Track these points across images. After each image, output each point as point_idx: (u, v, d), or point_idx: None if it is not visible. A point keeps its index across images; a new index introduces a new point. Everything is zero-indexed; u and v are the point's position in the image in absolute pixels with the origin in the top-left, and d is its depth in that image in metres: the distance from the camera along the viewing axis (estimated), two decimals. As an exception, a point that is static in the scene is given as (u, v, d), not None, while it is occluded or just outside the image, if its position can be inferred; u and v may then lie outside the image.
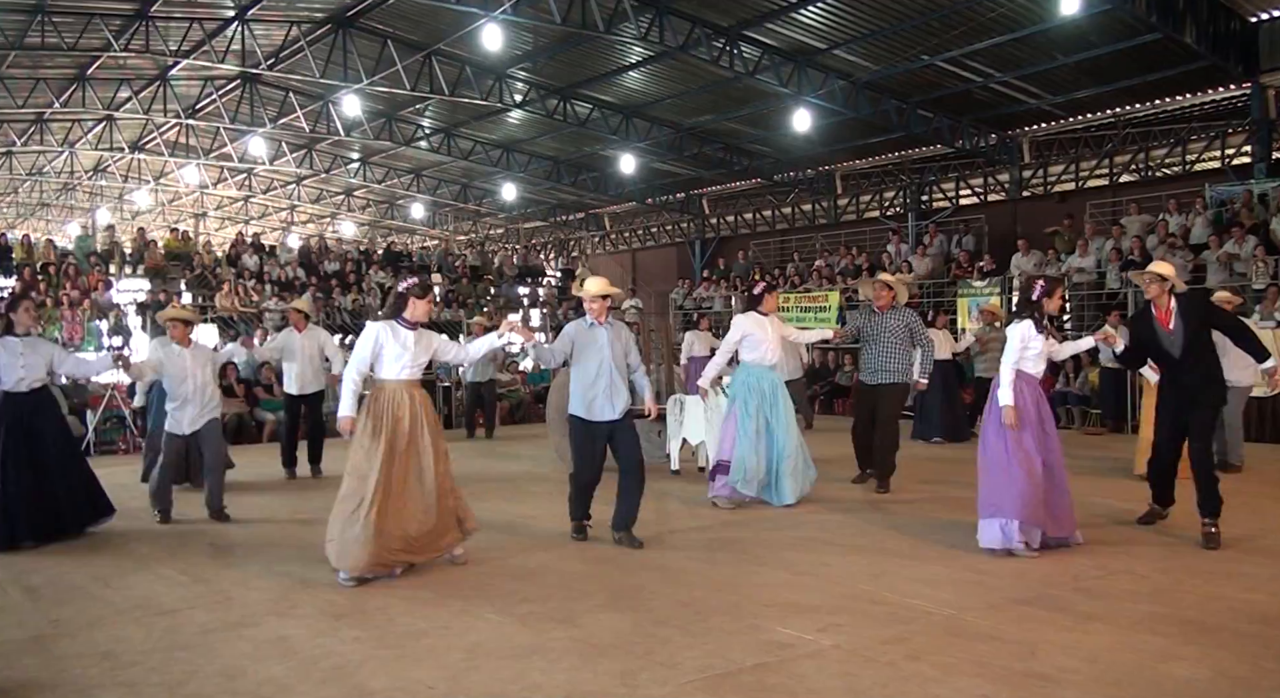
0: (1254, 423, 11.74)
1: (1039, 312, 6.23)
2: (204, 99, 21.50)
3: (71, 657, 4.38)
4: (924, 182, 22.52)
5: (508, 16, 15.10)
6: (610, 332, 6.39)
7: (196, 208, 33.10)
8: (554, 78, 19.52)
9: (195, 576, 5.89)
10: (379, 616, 4.92)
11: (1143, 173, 18.80)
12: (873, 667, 4.03)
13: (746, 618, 4.73)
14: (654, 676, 3.97)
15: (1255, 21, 15.18)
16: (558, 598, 5.18)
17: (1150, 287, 6.48)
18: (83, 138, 24.53)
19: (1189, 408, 6.37)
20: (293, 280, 20.26)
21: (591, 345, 6.35)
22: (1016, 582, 5.36)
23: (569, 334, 6.50)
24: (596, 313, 6.37)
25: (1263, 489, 8.38)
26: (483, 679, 3.99)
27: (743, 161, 23.22)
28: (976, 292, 16.75)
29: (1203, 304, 6.72)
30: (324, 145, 26.03)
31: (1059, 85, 17.23)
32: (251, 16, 16.98)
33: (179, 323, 7.79)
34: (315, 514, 7.85)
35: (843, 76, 17.45)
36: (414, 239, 34.42)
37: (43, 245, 20.06)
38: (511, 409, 17.12)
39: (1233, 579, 5.36)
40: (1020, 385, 6.10)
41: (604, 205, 29.93)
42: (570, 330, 6.52)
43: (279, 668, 4.18)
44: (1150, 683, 3.82)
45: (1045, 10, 14.10)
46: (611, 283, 6.70)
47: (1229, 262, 14.22)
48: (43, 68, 19.31)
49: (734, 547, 6.38)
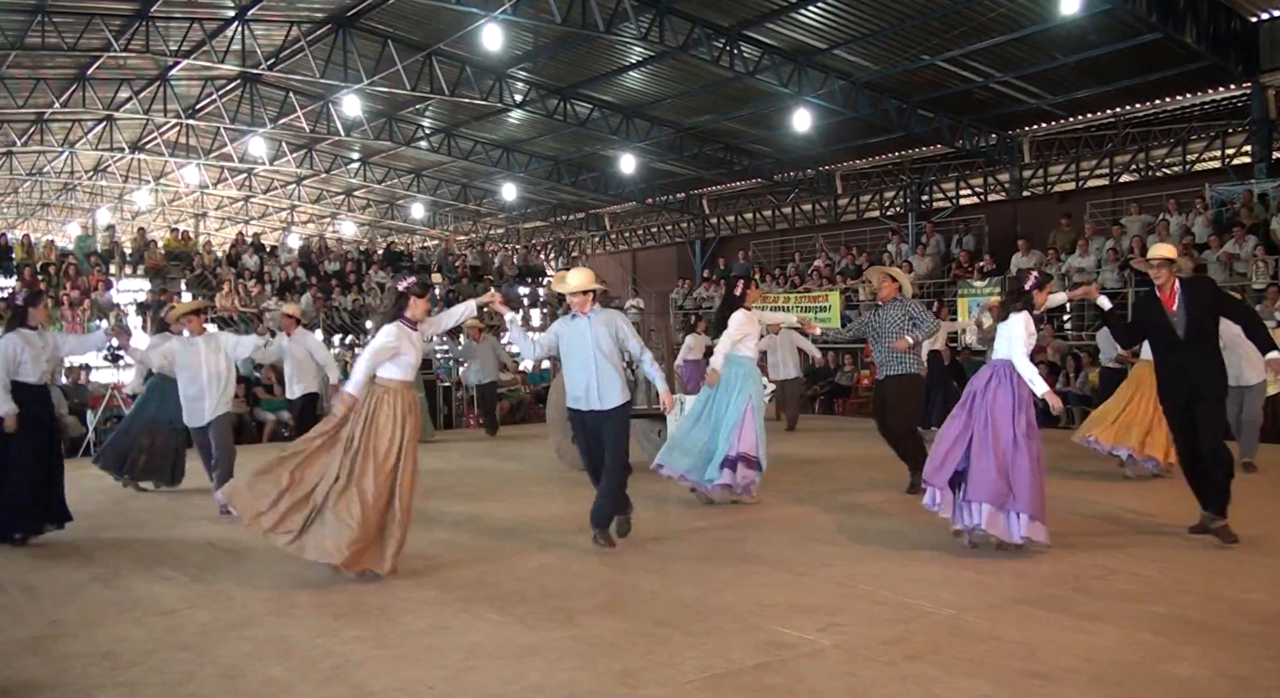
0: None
1: (1031, 303, 6.22)
2: (204, 99, 21.49)
3: (72, 657, 4.38)
4: (924, 181, 22.51)
5: (508, 16, 15.10)
6: (593, 322, 6.33)
7: (197, 208, 33.10)
8: (554, 78, 19.52)
9: (195, 575, 5.90)
10: (379, 616, 4.92)
11: (1143, 173, 18.79)
12: (873, 667, 4.03)
13: (747, 618, 4.73)
14: (654, 676, 3.97)
15: (1255, 21, 15.17)
16: (558, 598, 5.18)
17: (1160, 271, 6.40)
18: (83, 138, 24.53)
19: (1194, 398, 6.26)
20: (293, 280, 20.27)
21: (576, 337, 6.35)
22: (1017, 582, 5.36)
23: (554, 329, 6.56)
24: (578, 305, 6.36)
25: (1263, 489, 8.37)
26: (483, 680, 3.99)
27: (743, 161, 23.21)
28: (977, 292, 16.75)
29: (1212, 290, 6.65)
30: (324, 145, 26.02)
31: (1059, 85, 17.22)
32: (251, 17, 16.98)
33: (191, 315, 7.91)
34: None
35: (843, 76, 17.45)
36: (414, 239, 34.42)
37: (43, 245, 20.07)
38: (512, 409, 17.14)
39: (1233, 579, 5.35)
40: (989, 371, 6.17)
41: (604, 205, 29.92)
42: (556, 326, 6.57)
43: (279, 668, 4.18)
44: (1150, 683, 3.82)
45: (1045, 10, 14.09)
46: (598, 279, 6.70)
47: (1229, 261, 14.23)
48: (43, 68, 19.31)
49: (734, 547, 6.38)
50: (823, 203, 24.94)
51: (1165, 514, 7.11)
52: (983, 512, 5.91)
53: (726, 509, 7.76)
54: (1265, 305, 13.00)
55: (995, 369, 6.17)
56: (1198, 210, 15.84)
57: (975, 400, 6.15)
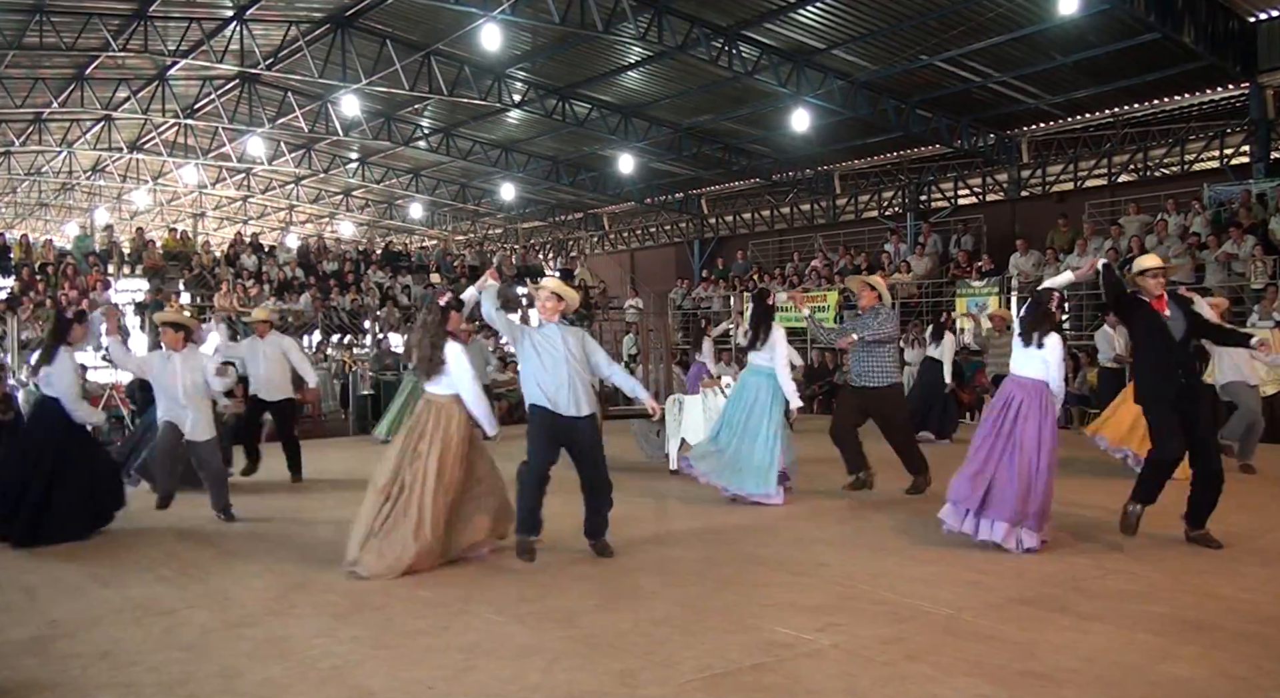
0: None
1: (1057, 324, 6.42)
2: (203, 99, 21.48)
3: (70, 657, 4.38)
4: (922, 181, 22.52)
5: (506, 16, 15.09)
6: (562, 332, 6.26)
7: (195, 208, 33.09)
8: (553, 78, 19.52)
9: (194, 576, 5.89)
10: (377, 616, 4.92)
11: (1141, 173, 18.80)
12: (871, 667, 4.03)
13: (745, 618, 4.73)
14: (653, 675, 3.97)
15: (1254, 21, 15.17)
16: (556, 597, 5.18)
17: (1158, 283, 6.45)
18: (81, 138, 24.51)
19: (1188, 400, 6.31)
20: (291, 280, 20.26)
21: (546, 341, 6.19)
22: (1015, 582, 5.37)
23: (521, 325, 6.51)
24: (548, 313, 6.27)
25: (1262, 489, 8.38)
26: (481, 679, 3.99)
27: (741, 161, 23.21)
28: (975, 291, 16.76)
29: (1189, 304, 6.77)
30: (323, 145, 26.01)
31: (1057, 85, 17.22)
32: (250, 16, 16.97)
33: (169, 327, 7.64)
34: (315, 515, 7.86)
35: (841, 76, 17.45)
36: (413, 239, 34.41)
37: (41, 245, 20.05)
38: (511, 408, 17.12)
39: (1231, 579, 5.36)
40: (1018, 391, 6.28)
41: (603, 205, 29.92)
42: (525, 327, 6.50)
43: (277, 668, 4.18)
44: (1149, 683, 3.82)
45: (1044, 10, 14.10)
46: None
47: (1228, 261, 14.23)
48: (41, 67, 19.29)
49: (733, 547, 6.39)
50: (821, 203, 24.95)
51: (1163, 514, 7.11)
52: (999, 529, 6.05)
53: (725, 510, 7.77)
54: (1264, 305, 13.01)
55: (1025, 389, 6.28)
56: (1196, 210, 15.85)
57: (1004, 421, 6.22)
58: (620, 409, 11.38)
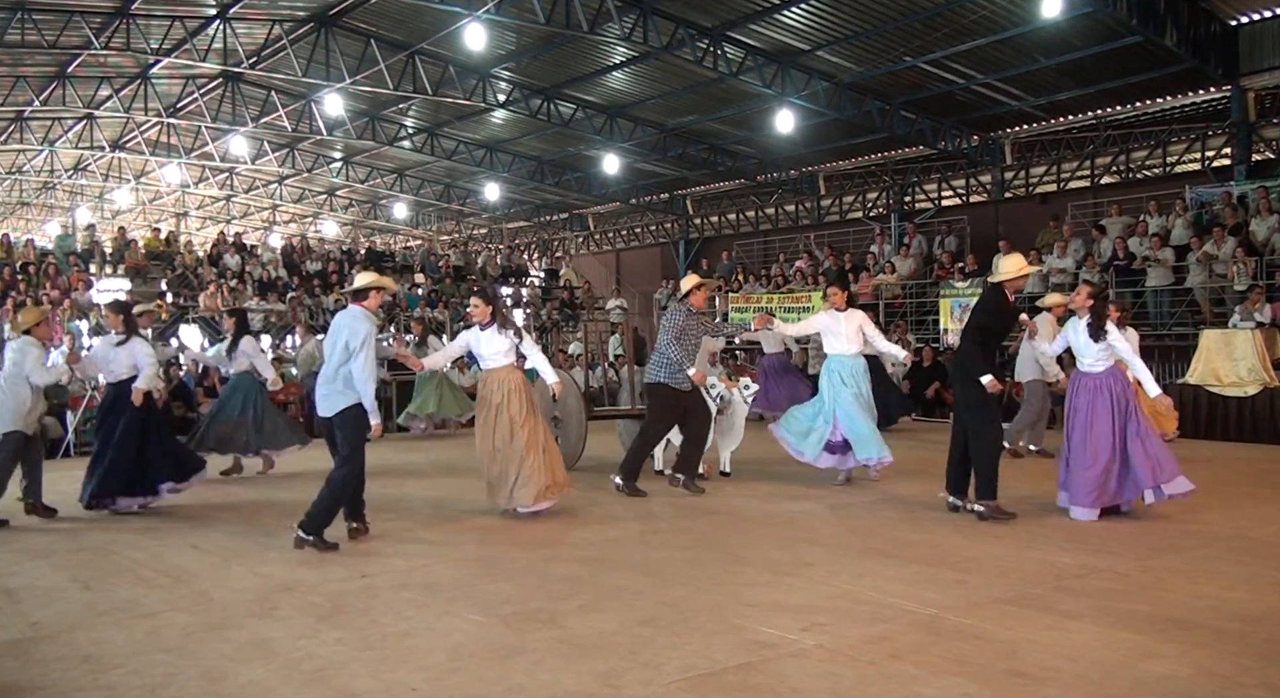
0: (1232, 423, 11.87)
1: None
2: (185, 98, 21.38)
3: (52, 660, 4.34)
4: (907, 183, 22.61)
5: (491, 16, 15.08)
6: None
7: (178, 207, 32.92)
8: (538, 78, 19.51)
9: (176, 577, 5.86)
10: (361, 617, 4.90)
11: (1124, 174, 18.93)
12: (855, 666, 4.04)
13: (730, 618, 4.73)
14: (638, 676, 3.97)
15: (1235, 25, 15.31)
16: (541, 598, 5.17)
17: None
18: (63, 136, 24.36)
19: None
20: (275, 280, 20.17)
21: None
22: (998, 581, 5.39)
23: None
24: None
25: (1241, 488, 8.45)
26: (465, 680, 3.98)
27: (727, 162, 23.25)
28: (958, 292, 16.83)
29: None
30: (306, 145, 25.93)
31: (1041, 87, 17.32)
32: (233, 15, 16.91)
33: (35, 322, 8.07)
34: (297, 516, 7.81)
35: (826, 78, 17.50)
36: (397, 239, 34.35)
37: (22, 245, 19.91)
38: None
39: (1213, 577, 5.39)
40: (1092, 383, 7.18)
41: (588, 205, 29.92)
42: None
43: (261, 670, 4.16)
44: (1131, 681, 3.84)
45: (1027, 13, 14.18)
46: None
47: (1208, 262, 14.33)
48: (23, 65, 19.17)
49: (717, 547, 6.39)
50: (806, 203, 25.02)
51: (1143, 515, 7.17)
52: (1149, 496, 6.96)
53: (711, 509, 7.77)
54: (1247, 305, 13.10)
55: (1097, 382, 7.11)
56: (1178, 212, 15.96)
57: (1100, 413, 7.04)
58: (606, 410, 11.39)
